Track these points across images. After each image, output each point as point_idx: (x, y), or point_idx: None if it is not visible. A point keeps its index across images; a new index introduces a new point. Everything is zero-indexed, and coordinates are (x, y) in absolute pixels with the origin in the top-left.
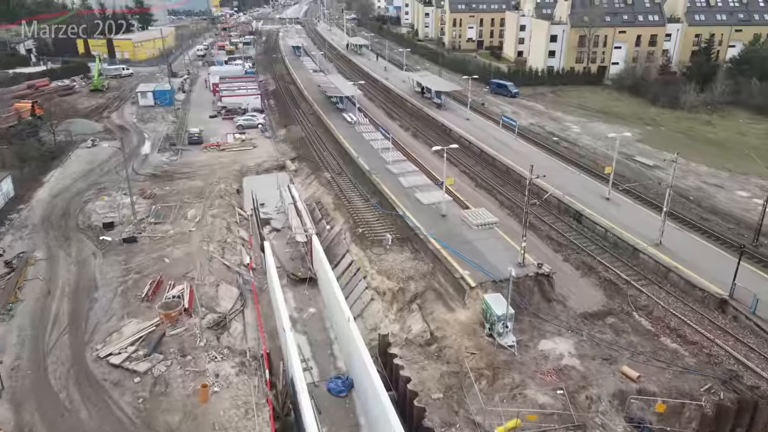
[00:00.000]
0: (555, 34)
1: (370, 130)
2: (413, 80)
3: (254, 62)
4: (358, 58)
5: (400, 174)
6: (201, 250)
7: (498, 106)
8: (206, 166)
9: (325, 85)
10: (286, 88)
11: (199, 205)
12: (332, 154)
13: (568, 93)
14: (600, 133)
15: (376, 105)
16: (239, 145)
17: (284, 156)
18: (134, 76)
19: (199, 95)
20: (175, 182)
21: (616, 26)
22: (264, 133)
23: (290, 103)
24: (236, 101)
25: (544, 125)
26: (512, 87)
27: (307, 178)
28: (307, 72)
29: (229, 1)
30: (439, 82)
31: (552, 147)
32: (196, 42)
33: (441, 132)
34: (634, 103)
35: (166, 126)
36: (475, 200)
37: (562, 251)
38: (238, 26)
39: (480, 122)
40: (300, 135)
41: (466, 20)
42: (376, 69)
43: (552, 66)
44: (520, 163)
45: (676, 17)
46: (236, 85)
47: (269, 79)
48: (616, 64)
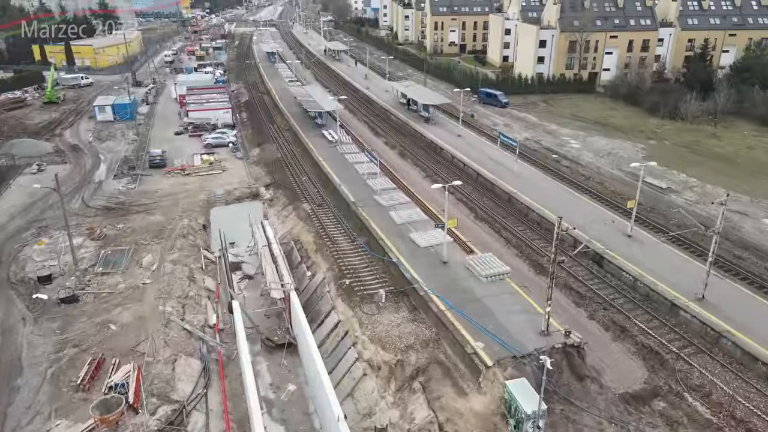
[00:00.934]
0: (544, 39)
1: (353, 150)
2: (398, 91)
3: (226, 69)
4: (336, 64)
5: (391, 206)
6: (156, 311)
7: (488, 117)
8: (169, 195)
9: (302, 98)
10: (260, 99)
11: (158, 248)
12: (312, 179)
13: (560, 102)
14: (601, 149)
15: (358, 118)
16: (207, 168)
17: (258, 182)
18: (94, 86)
19: (165, 107)
20: (130, 217)
21: (607, 31)
22: (235, 153)
23: (264, 117)
24: (205, 116)
25: (540, 140)
26: (502, 97)
27: (283, 209)
28: (282, 81)
29: (200, 3)
30: (425, 93)
31: (554, 168)
32: (165, 47)
33: (431, 151)
34: (630, 113)
35: (125, 145)
36: (478, 237)
37: (585, 305)
38: (210, 29)
39: (473, 139)
40: (275, 156)
41: (447, 23)
42: (357, 77)
43: (541, 73)
44: (524, 190)
45: (669, 21)
46: (205, 97)
47: (242, 89)
48: (608, 70)
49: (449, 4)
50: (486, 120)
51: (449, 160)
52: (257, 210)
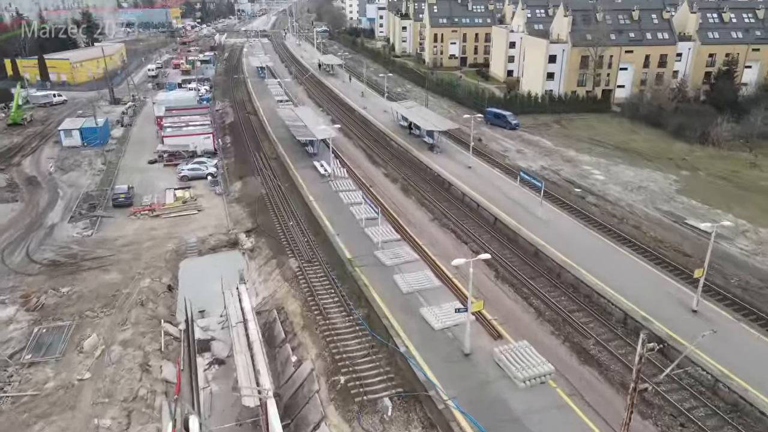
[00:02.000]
0: (554, 54)
1: (349, 186)
2: (397, 113)
3: (212, 85)
4: (330, 79)
5: (395, 265)
6: (90, 426)
7: (498, 141)
8: (131, 244)
9: (292, 122)
10: (247, 119)
11: (107, 322)
12: (301, 225)
13: (575, 123)
14: (629, 181)
15: (353, 143)
16: (180, 207)
17: (238, 226)
18: (68, 104)
19: (142, 130)
20: (80, 276)
21: (622, 45)
22: (214, 188)
23: (250, 143)
24: (182, 142)
25: (559, 170)
26: (512, 118)
27: (266, 264)
28: (271, 99)
29: (192, 13)
30: (430, 117)
31: (581, 208)
32: (151, 59)
33: (438, 186)
34: (653, 136)
35: (90, 177)
36: (502, 307)
37: (654, 418)
38: (200, 40)
39: (485, 171)
40: (260, 191)
41: (447, 35)
42: (352, 94)
43: (551, 90)
44: (552, 241)
45: (687, 35)
46: (184, 120)
47: (227, 108)
48: (622, 87)
49: (449, 15)
50: (495, 145)
51: (459, 198)
52: (236, 261)
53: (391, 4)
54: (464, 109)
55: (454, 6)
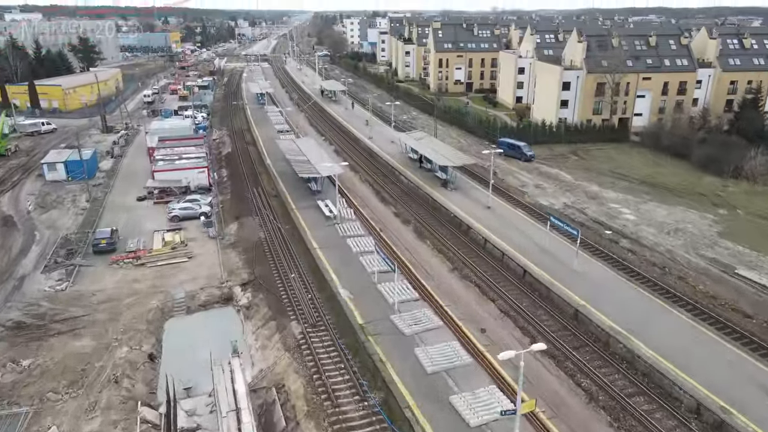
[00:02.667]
0: (568, 80)
1: (357, 231)
2: (406, 145)
3: (210, 112)
4: (332, 106)
5: (415, 334)
6: None
7: (513, 174)
8: (109, 300)
9: (294, 156)
10: (245, 150)
11: (72, 407)
12: (304, 277)
13: (593, 154)
14: (663, 222)
15: (360, 177)
16: (168, 254)
17: (232, 277)
18: (58, 133)
19: (133, 161)
20: (47, 344)
21: (640, 72)
22: (208, 230)
23: (248, 177)
24: (174, 177)
25: (584, 208)
26: (527, 149)
27: (264, 326)
28: (271, 128)
29: (192, 37)
30: (442, 150)
31: (618, 256)
32: (148, 84)
33: (455, 228)
34: (678, 168)
35: (72, 216)
36: (543, 384)
37: None
38: (199, 64)
39: (506, 212)
40: (258, 235)
41: (453, 60)
42: (356, 122)
43: (564, 118)
44: (594, 300)
45: (707, 61)
46: (178, 152)
47: (224, 137)
48: (639, 115)
49: (454, 39)
50: (512, 179)
51: (481, 244)
52: (229, 321)
53: (393, 28)
54: (474, 138)
55: (459, 31)
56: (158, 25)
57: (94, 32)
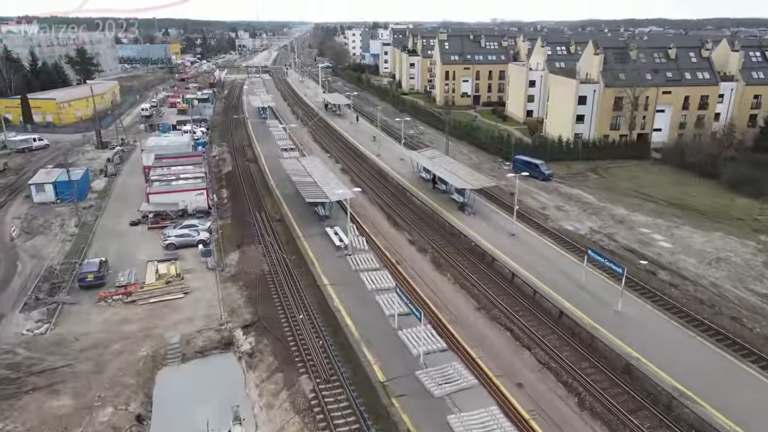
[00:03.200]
0: (584, 94)
1: (371, 264)
2: (418, 164)
3: (209, 126)
4: (337, 120)
5: (446, 395)
6: None
7: (532, 195)
8: (95, 347)
9: (300, 179)
10: (246, 168)
11: None
12: (314, 320)
13: (613, 172)
14: (702, 251)
15: (369, 199)
16: (162, 289)
17: (233, 317)
18: (50, 149)
19: (128, 180)
20: (18, 404)
21: (659, 85)
22: (206, 260)
23: (250, 198)
24: (171, 200)
25: (612, 233)
26: (544, 167)
27: (269, 379)
28: (274, 144)
29: (192, 48)
30: (457, 169)
31: (661, 292)
32: (146, 97)
33: (477, 259)
34: (706, 188)
35: (59, 244)
36: None
37: None
38: (199, 76)
39: (533, 240)
40: (261, 267)
41: (460, 73)
42: (362, 138)
43: (580, 133)
44: (646, 351)
45: (729, 75)
46: (175, 172)
47: (225, 154)
48: (659, 130)
49: (461, 51)
50: (531, 200)
51: (508, 278)
52: (230, 371)
53: (397, 40)
54: (486, 154)
55: (466, 42)
56: (159, 37)
57: (92, 43)
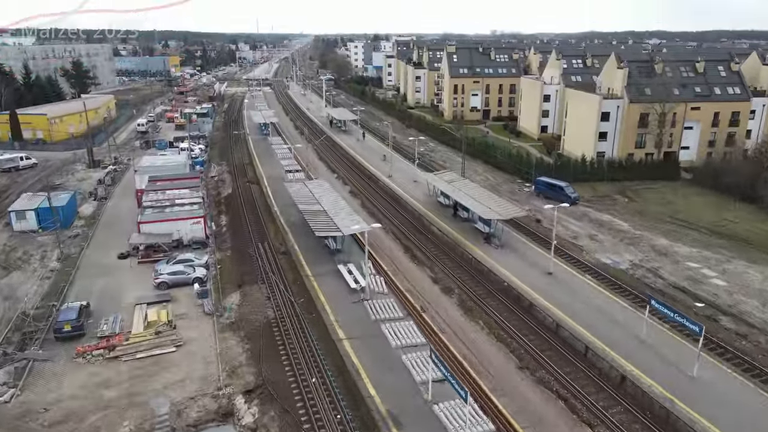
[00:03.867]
0: (607, 111)
1: (393, 312)
2: (435, 187)
3: (208, 143)
4: (342, 137)
5: None
6: None
7: (560, 221)
8: (66, 421)
9: (308, 207)
10: (247, 191)
11: None
12: (329, 385)
13: (643, 195)
14: (762, 290)
15: (384, 228)
16: (151, 341)
17: (233, 378)
18: (39, 168)
19: (119, 204)
20: None
21: (687, 101)
22: (203, 303)
23: (251, 226)
24: (164, 230)
25: (657, 267)
26: (570, 190)
27: None
28: (277, 164)
29: (192, 60)
30: (480, 195)
31: (742, 353)
32: (143, 111)
33: (511, 302)
34: (749, 214)
35: (38, 281)
36: None
37: None
38: (198, 89)
39: (574, 281)
40: (265, 313)
41: (469, 86)
42: (370, 156)
43: (602, 152)
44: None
45: (761, 90)
46: (169, 197)
47: (224, 174)
48: (686, 148)
49: (470, 64)
50: (559, 227)
51: (552, 328)
52: None
53: (401, 52)
54: (503, 175)
55: (475, 55)
56: (158, 49)
57: (89, 55)
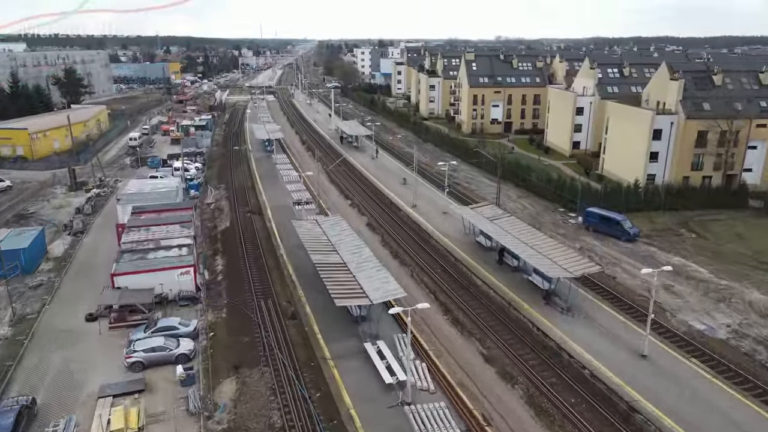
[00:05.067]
0: (659, 128)
1: (446, 425)
2: (470, 224)
3: (206, 160)
4: (355, 154)
5: None
6: None
7: (621, 264)
8: None
9: (323, 259)
10: (248, 224)
11: None
12: None
13: (710, 227)
14: None
15: (414, 278)
16: None
17: None
18: (14, 191)
19: (98, 240)
20: None
21: (752, 117)
22: (187, 394)
23: (252, 275)
24: (145, 282)
25: (764, 335)
26: (628, 224)
27: None
28: (283, 190)
29: (193, 67)
30: (536, 241)
31: None
32: (140, 122)
33: (603, 402)
34: None
35: None
36: None
37: None
38: (198, 98)
39: (679, 368)
40: (268, 417)
41: (489, 97)
42: (387, 177)
43: (653, 174)
44: None
45: None
46: (154, 235)
47: (222, 200)
48: (749, 170)
49: (491, 73)
50: (622, 273)
51: None
52: None
53: (411, 59)
54: (541, 201)
55: (497, 63)
56: (159, 54)
57: (84, 62)
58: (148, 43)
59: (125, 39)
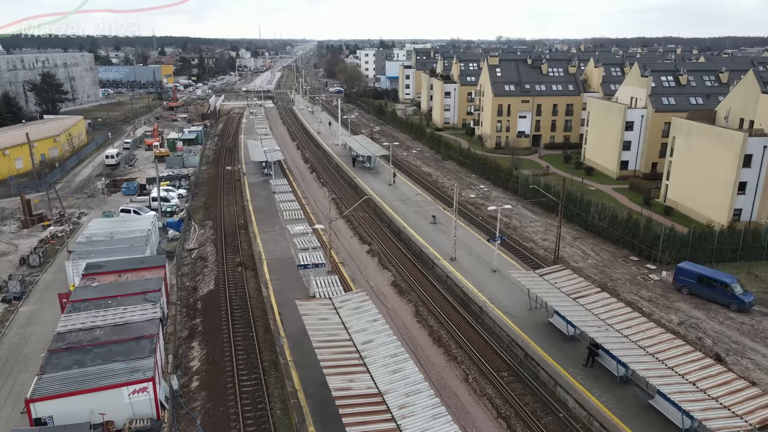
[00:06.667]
0: (750, 152)
1: None
2: (547, 304)
3: (191, 185)
4: (368, 179)
5: None
6: None
7: (746, 354)
8: None
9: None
10: (238, 286)
11: None
12: None
13: None
14: None
15: (469, 387)
16: None
17: None
18: None
19: (37, 312)
20: None
21: None
22: None
23: (241, 386)
24: (76, 409)
25: None
26: (739, 288)
27: None
28: (283, 236)
29: (187, 69)
30: (622, 317)
31: None
32: (123, 133)
33: None
34: None
35: None
36: None
37: None
38: (191, 104)
39: None
40: None
41: (516, 107)
42: (414, 216)
43: (738, 209)
44: None
45: None
46: (101, 321)
47: (207, 245)
48: None
49: (517, 80)
50: (751, 366)
51: None
52: None
53: (420, 62)
54: (607, 246)
55: (523, 68)
56: (154, 56)
57: (67, 66)
58: (144, 44)
59: (122, 40)
